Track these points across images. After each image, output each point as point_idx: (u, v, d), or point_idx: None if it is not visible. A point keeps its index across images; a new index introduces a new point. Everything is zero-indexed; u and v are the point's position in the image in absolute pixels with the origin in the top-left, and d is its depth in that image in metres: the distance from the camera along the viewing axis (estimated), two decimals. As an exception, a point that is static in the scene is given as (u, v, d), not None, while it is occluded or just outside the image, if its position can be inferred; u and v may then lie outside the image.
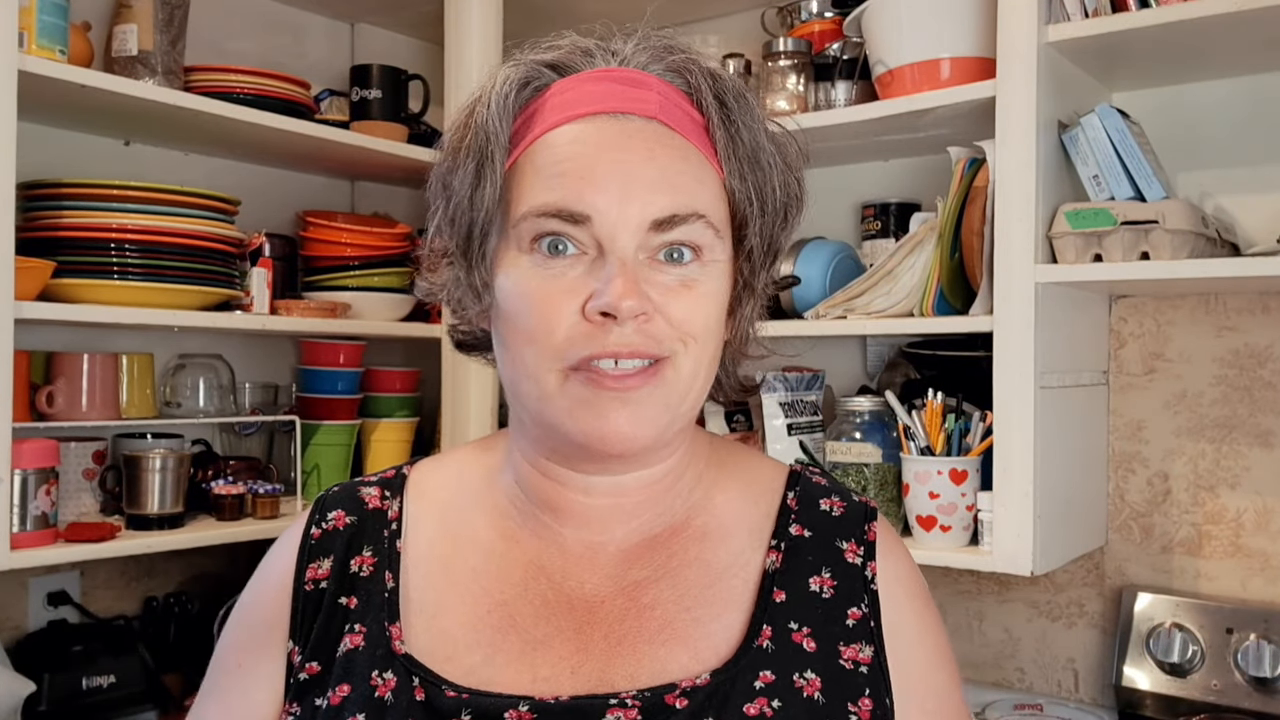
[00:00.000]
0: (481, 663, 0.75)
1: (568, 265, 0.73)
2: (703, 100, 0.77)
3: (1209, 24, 1.34)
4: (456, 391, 1.93)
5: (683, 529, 0.81)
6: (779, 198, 0.79)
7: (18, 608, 1.75)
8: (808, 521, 0.83)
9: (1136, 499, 1.67)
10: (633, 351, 0.71)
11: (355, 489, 0.86)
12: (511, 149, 0.76)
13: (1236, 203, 1.58)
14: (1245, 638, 1.51)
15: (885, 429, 1.65)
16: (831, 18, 1.81)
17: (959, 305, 1.55)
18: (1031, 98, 1.43)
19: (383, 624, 0.77)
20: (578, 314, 0.72)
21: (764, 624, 0.77)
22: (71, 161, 1.77)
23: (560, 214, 0.72)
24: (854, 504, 0.86)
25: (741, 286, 0.80)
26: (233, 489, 1.76)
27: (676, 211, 0.73)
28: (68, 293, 1.54)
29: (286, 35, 2.15)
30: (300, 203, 2.12)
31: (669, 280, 0.73)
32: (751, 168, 0.77)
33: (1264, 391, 1.57)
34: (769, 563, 0.80)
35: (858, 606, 0.79)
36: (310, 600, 0.80)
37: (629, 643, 0.76)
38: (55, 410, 1.62)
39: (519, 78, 0.77)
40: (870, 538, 0.83)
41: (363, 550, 0.81)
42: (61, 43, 1.51)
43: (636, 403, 0.72)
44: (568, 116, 0.75)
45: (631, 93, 0.76)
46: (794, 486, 0.86)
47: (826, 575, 0.80)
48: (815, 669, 0.76)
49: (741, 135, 0.76)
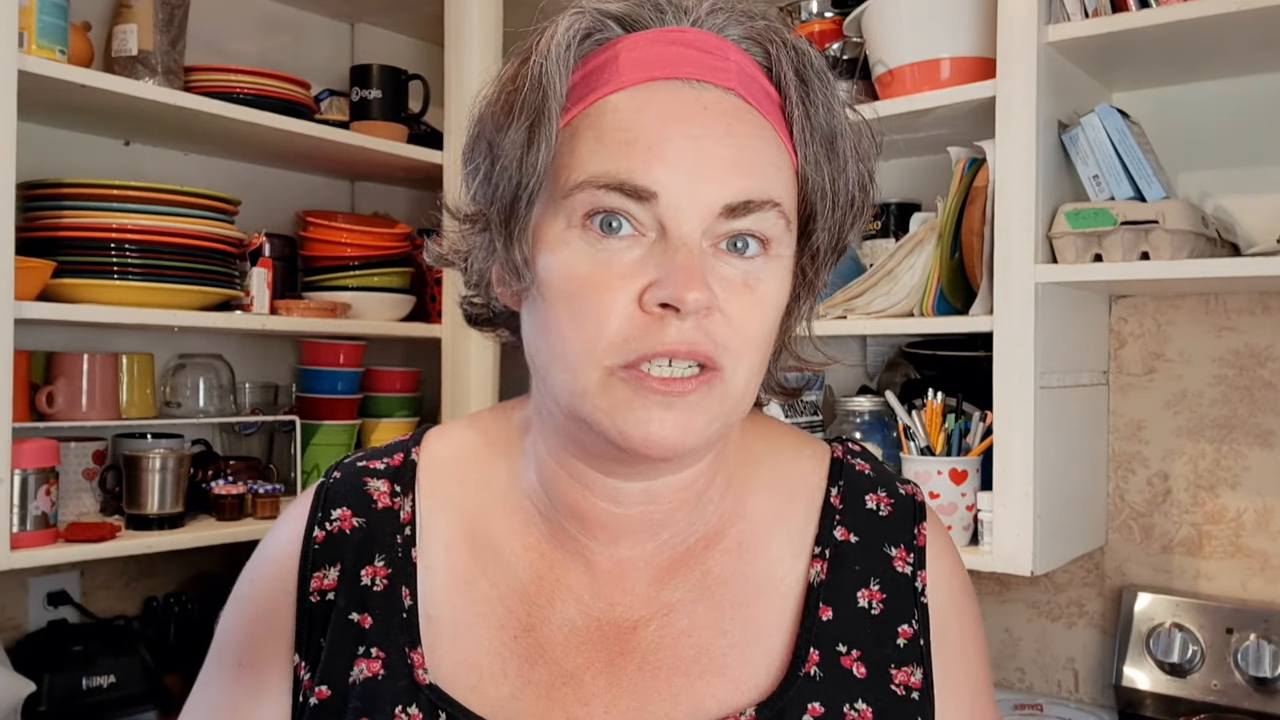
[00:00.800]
0: (509, 696, 0.70)
1: (624, 247, 0.64)
2: (782, 76, 0.69)
3: (1209, 24, 1.34)
4: (456, 391, 1.93)
5: (717, 541, 0.75)
6: (852, 190, 0.71)
7: (18, 608, 1.75)
8: (853, 524, 0.77)
9: (1136, 499, 1.67)
10: (690, 351, 0.64)
11: (361, 481, 0.77)
12: (569, 107, 0.67)
13: (1236, 203, 1.58)
14: (1245, 638, 1.51)
15: (885, 429, 1.65)
16: (831, 18, 1.81)
17: (959, 305, 1.55)
18: (1031, 98, 1.43)
19: (403, 649, 0.71)
20: (633, 304, 0.63)
21: (810, 646, 0.71)
22: (71, 161, 1.77)
23: (623, 187, 0.63)
24: (901, 499, 0.79)
25: (802, 283, 0.73)
26: (233, 489, 1.76)
27: (752, 197, 0.65)
28: (68, 293, 1.54)
29: (286, 35, 2.15)
30: (300, 203, 2.12)
31: (732, 274, 0.65)
32: (828, 155, 0.69)
33: (1264, 391, 1.57)
34: (813, 574, 0.74)
35: (908, 623, 0.74)
36: (317, 614, 0.73)
37: (664, 675, 0.71)
38: (55, 410, 1.62)
39: (579, 30, 0.68)
40: (920, 543, 0.77)
41: (374, 560, 0.74)
42: (61, 43, 1.51)
43: (684, 408, 0.64)
44: (636, 78, 0.66)
45: (708, 59, 0.67)
46: (836, 480, 0.78)
47: (875, 588, 0.75)
48: (866, 698, 0.71)
49: (819, 118, 0.69)
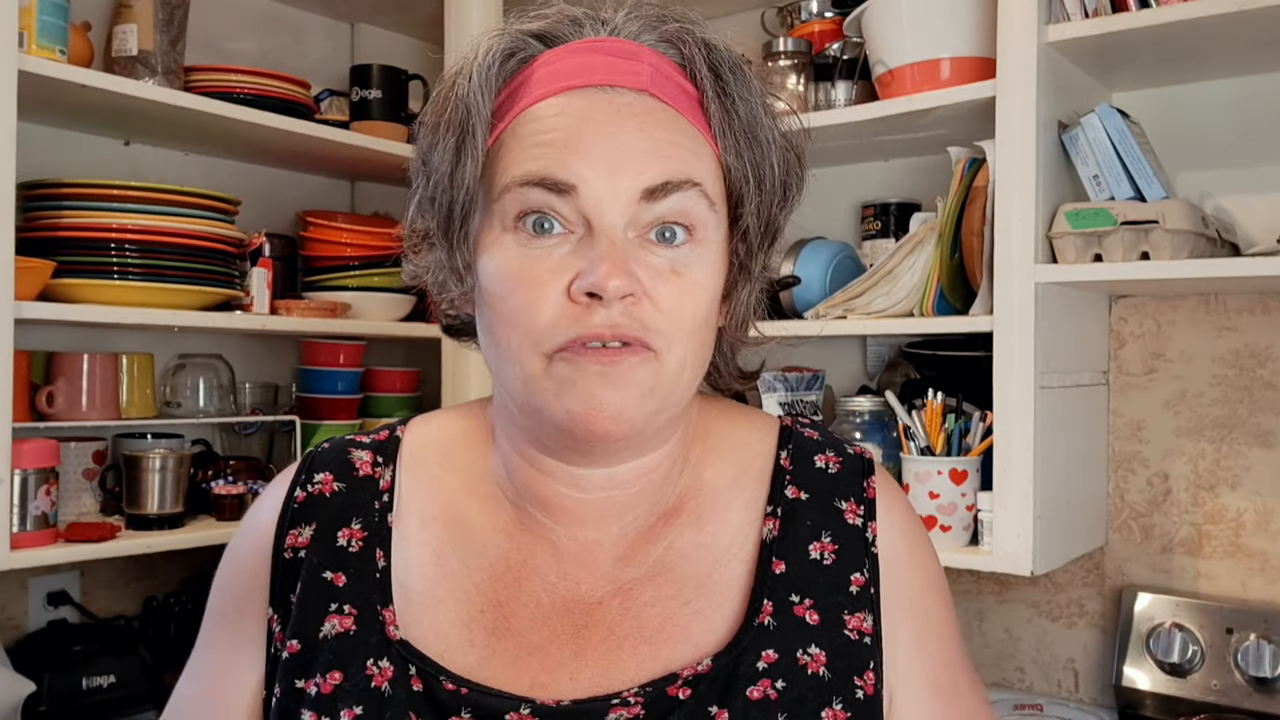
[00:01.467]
0: (476, 664, 0.73)
1: (554, 244, 0.69)
2: (697, 72, 0.72)
3: (1209, 24, 1.34)
4: (456, 392, 1.93)
5: (676, 516, 0.78)
6: (777, 174, 0.74)
7: (18, 608, 1.75)
8: (803, 482, 0.79)
9: (1136, 499, 1.67)
10: (615, 333, 0.67)
11: (346, 450, 0.81)
12: (495, 124, 0.72)
13: (1236, 203, 1.58)
14: (1245, 638, 1.51)
15: (885, 429, 1.65)
16: (831, 18, 1.81)
17: (959, 305, 1.55)
18: (1031, 98, 1.43)
19: (375, 607, 0.74)
20: (563, 295, 0.68)
21: (764, 599, 0.74)
22: (71, 161, 1.77)
23: (544, 182, 0.68)
24: (850, 457, 0.82)
25: (737, 270, 0.76)
26: (233, 489, 1.76)
27: (670, 178, 0.69)
28: (68, 293, 1.54)
29: (286, 35, 2.15)
30: (300, 203, 2.12)
31: (659, 263, 0.69)
32: (748, 143, 0.72)
33: (1264, 391, 1.57)
34: (766, 531, 0.77)
35: (860, 572, 0.76)
36: (289, 568, 0.76)
37: (629, 644, 0.73)
38: (55, 410, 1.62)
39: (502, 49, 0.73)
40: (870, 494, 0.80)
41: (351, 523, 0.77)
42: (61, 43, 1.51)
43: (620, 378, 0.68)
44: (553, 89, 0.71)
45: (621, 64, 0.71)
46: (786, 444, 0.82)
47: (827, 540, 0.77)
48: (819, 643, 0.73)
49: (737, 109, 0.72)
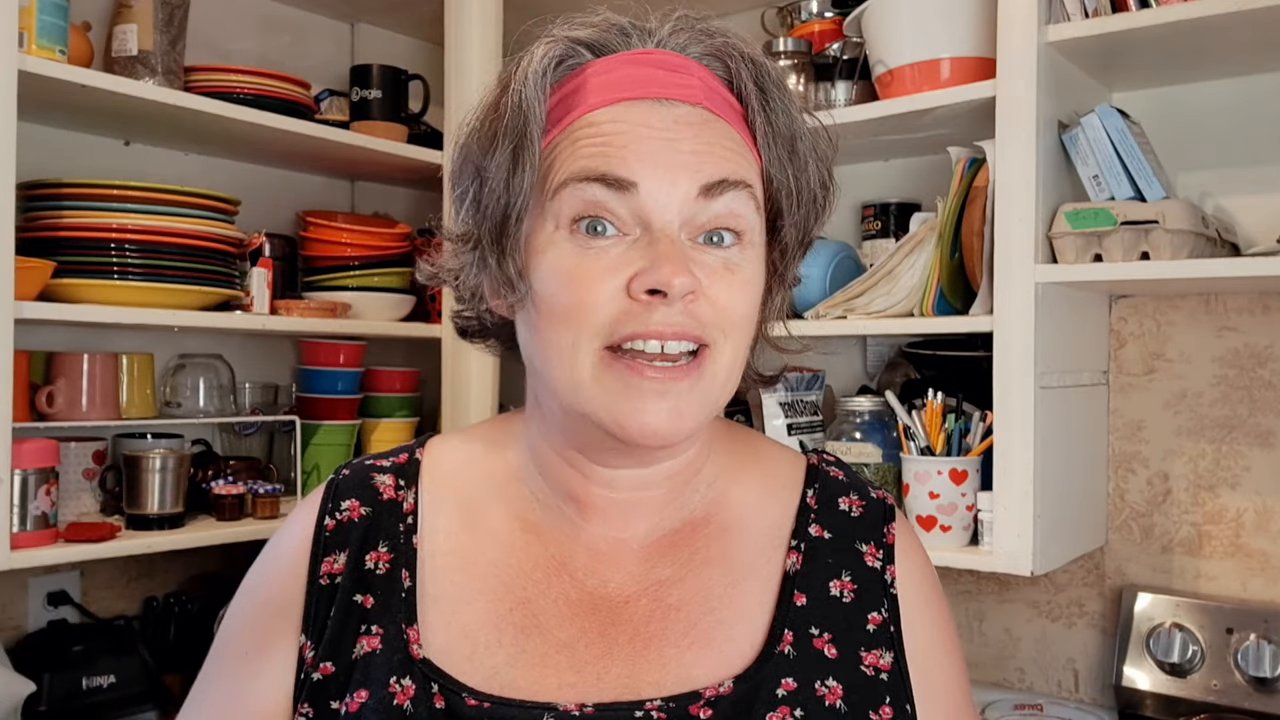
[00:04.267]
0: (504, 664, 0.73)
1: (609, 245, 0.69)
2: (743, 87, 0.74)
3: (1209, 24, 1.34)
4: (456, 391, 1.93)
5: (703, 524, 0.80)
6: (815, 187, 0.77)
7: (18, 608, 1.75)
8: (827, 522, 0.82)
9: (1136, 499, 1.67)
10: (677, 333, 0.69)
11: (368, 475, 0.82)
12: (547, 130, 0.73)
13: (1236, 203, 1.58)
14: (1245, 638, 1.51)
15: (885, 429, 1.65)
16: (831, 18, 1.81)
17: (959, 305, 1.55)
18: (1031, 98, 1.43)
19: (400, 626, 0.75)
20: (621, 292, 0.68)
21: (785, 628, 0.76)
22: (71, 161, 1.77)
23: (605, 178, 0.69)
24: (872, 502, 0.84)
25: (773, 277, 0.78)
26: (233, 489, 1.76)
27: (726, 176, 0.71)
28: (68, 293, 1.54)
29: (286, 35, 2.15)
30: (300, 203, 2.12)
31: (713, 262, 0.71)
32: (790, 156, 0.75)
33: (1264, 391, 1.57)
34: (789, 564, 0.79)
35: (878, 611, 0.79)
36: (324, 595, 0.77)
37: (655, 646, 0.75)
38: (55, 410, 1.62)
39: (553, 57, 0.73)
40: (889, 540, 0.82)
41: (378, 546, 0.78)
42: (61, 43, 1.51)
43: (677, 396, 0.69)
44: (609, 99, 0.72)
45: (674, 78, 0.73)
46: (813, 483, 0.84)
47: (847, 579, 0.79)
48: (837, 676, 0.75)
49: (779, 123, 0.75)
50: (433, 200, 2.07)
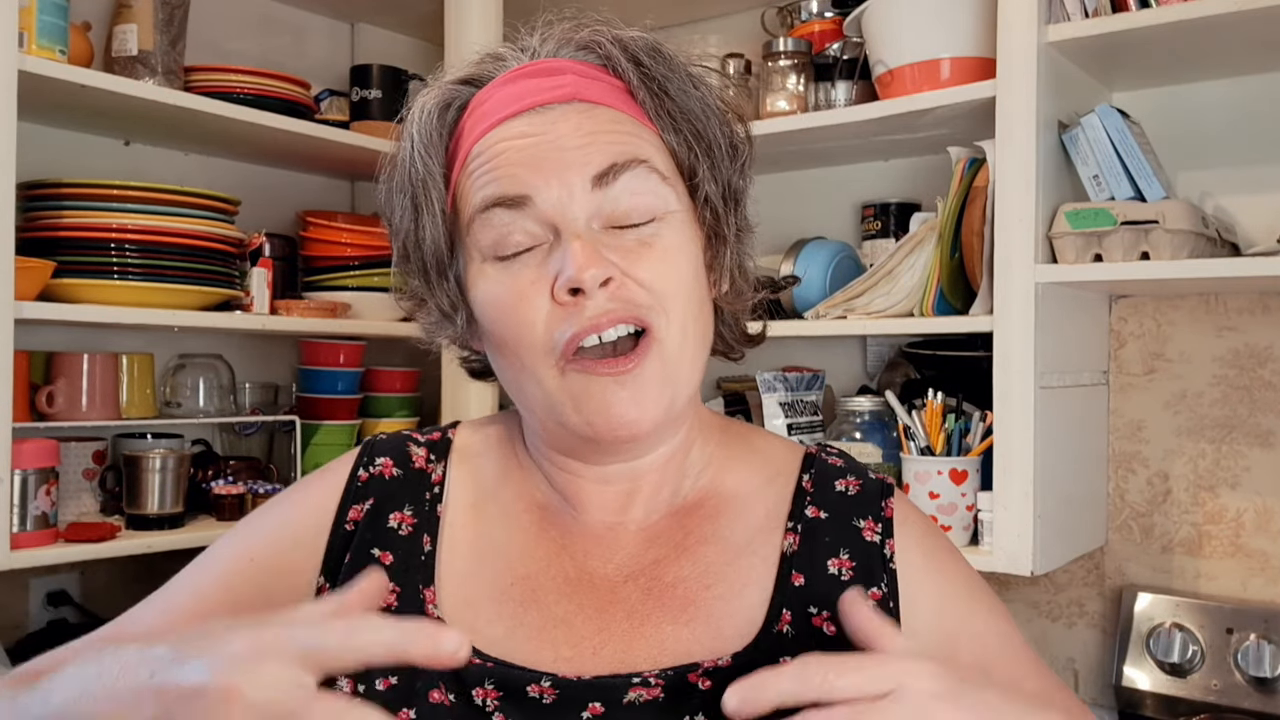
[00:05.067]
0: (503, 636, 0.75)
1: (528, 259, 0.72)
2: (617, 66, 0.76)
3: (1209, 24, 1.34)
4: (456, 391, 1.93)
5: (698, 507, 0.81)
6: (722, 139, 0.78)
7: (18, 608, 1.75)
8: (824, 503, 0.82)
9: (1136, 499, 1.67)
10: (611, 318, 0.71)
11: (404, 444, 0.85)
12: (449, 173, 0.77)
13: (1236, 203, 1.58)
14: (1245, 638, 1.51)
15: (885, 429, 1.65)
16: (831, 18, 1.81)
17: (959, 305, 1.55)
18: (1031, 98, 1.43)
19: (417, 586, 0.77)
20: (549, 301, 0.71)
21: (783, 608, 0.76)
22: (71, 161, 1.77)
23: (502, 201, 0.72)
24: (870, 481, 0.84)
25: (713, 237, 0.79)
26: (233, 489, 1.76)
27: (615, 160, 0.72)
28: (68, 293, 1.54)
29: (286, 35, 2.15)
30: (300, 203, 2.12)
31: (628, 243, 0.73)
32: (684, 116, 0.76)
33: (1264, 391, 1.57)
34: (786, 545, 0.79)
35: (877, 587, 0.78)
36: (342, 540, 0.79)
37: (652, 622, 0.76)
38: (55, 410, 1.62)
39: (436, 104, 0.78)
40: (888, 514, 0.82)
41: (403, 508, 0.81)
42: (61, 43, 1.51)
43: (634, 383, 0.71)
44: (489, 124, 0.75)
45: (545, 83, 0.75)
46: (809, 469, 0.84)
47: (845, 556, 0.79)
48: (835, 653, 0.74)
49: (666, 88, 0.76)
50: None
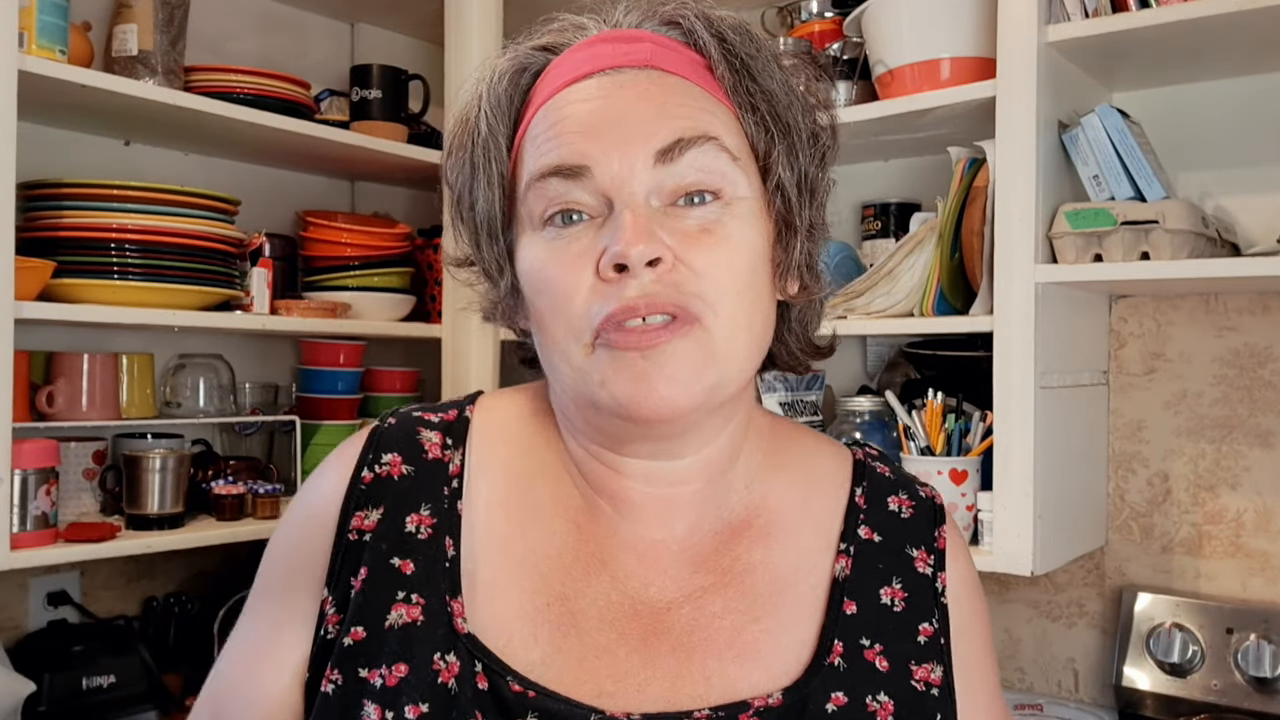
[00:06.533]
0: (540, 662, 0.70)
1: (580, 231, 0.68)
2: (699, 41, 0.72)
3: (1209, 24, 1.34)
4: (456, 391, 1.93)
5: (744, 529, 0.76)
6: (803, 125, 0.74)
7: (18, 608, 1.75)
8: (877, 524, 0.79)
9: (1136, 499, 1.67)
10: (651, 303, 0.65)
11: (415, 429, 0.78)
12: (515, 138, 0.74)
13: (1236, 203, 1.58)
14: (1245, 638, 1.51)
15: (885, 429, 1.65)
16: (831, 18, 1.81)
17: (959, 305, 1.55)
18: (1031, 98, 1.43)
19: (443, 597, 0.71)
20: (593, 275, 0.67)
21: (835, 638, 0.73)
22: (71, 161, 1.77)
23: (559, 170, 0.68)
24: (922, 502, 0.81)
25: (783, 228, 0.73)
26: (233, 489, 1.76)
27: (682, 135, 0.68)
28: (68, 293, 1.54)
29: (286, 35, 2.15)
30: (300, 203, 2.12)
31: (688, 225, 0.68)
32: (764, 97, 0.72)
33: (1264, 391, 1.57)
34: (838, 569, 0.76)
35: (929, 622, 0.76)
36: (352, 550, 0.73)
37: (698, 658, 0.71)
38: (55, 410, 1.62)
39: (510, 68, 0.75)
40: (940, 545, 0.79)
41: (420, 508, 0.74)
42: (61, 43, 1.51)
43: (662, 359, 0.66)
44: (557, 86, 0.72)
45: (621, 48, 0.72)
46: (860, 481, 0.81)
47: (897, 586, 0.77)
48: (888, 691, 0.72)
49: (748, 66, 0.72)
50: (432, 200, 2.07)
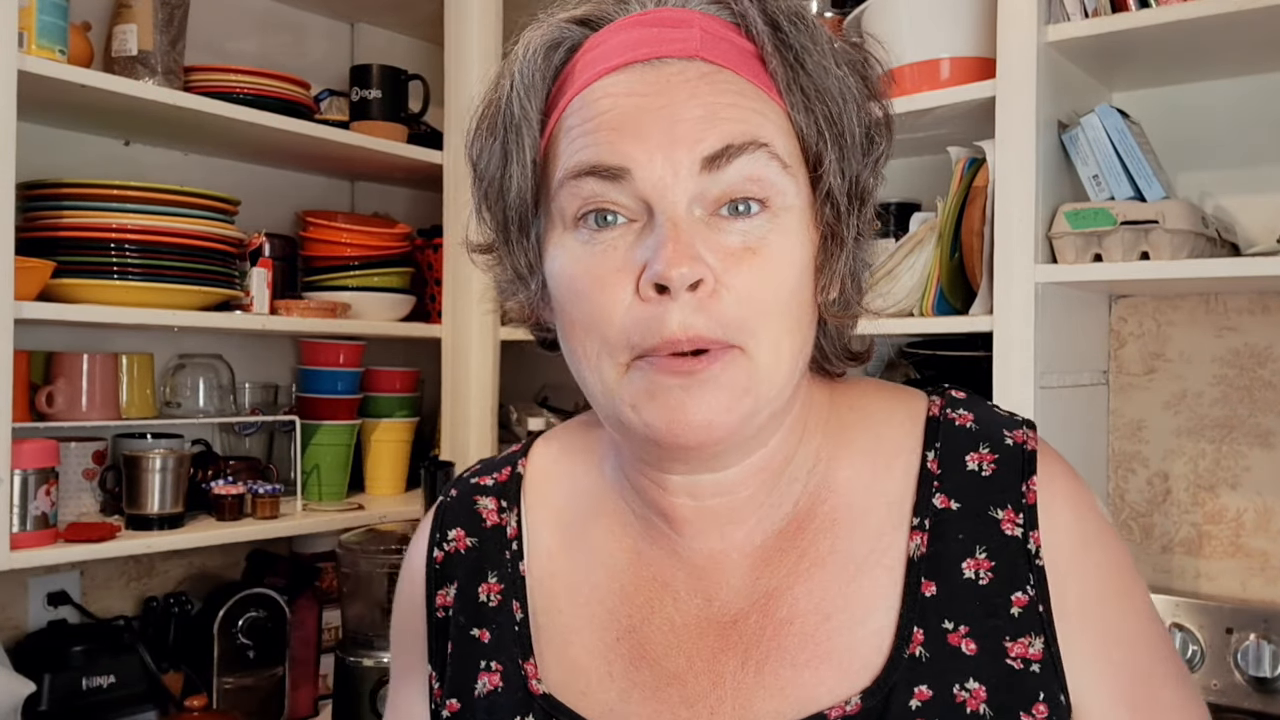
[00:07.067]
0: (618, 699, 0.70)
1: (617, 236, 0.64)
2: (752, 27, 0.66)
3: (1209, 24, 1.34)
4: (456, 391, 1.93)
5: (809, 520, 0.71)
6: (857, 126, 0.68)
7: (18, 608, 1.75)
8: (954, 489, 0.70)
9: (1136, 499, 1.67)
10: (693, 338, 0.61)
11: (472, 500, 0.79)
12: (546, 121, 0.68)
13: (1236, 203, 1.58)
14: (1245, 638, 1.51)
15: (885, 429, 1.64)
16: (831, 18, 1.81)
17: (959, 305, 1.55)
18: (1031, 98, 1.43)
19: (517, 661, 0.73)
20: (632, 293, 0.62)
21: (914, 625, 0.67)
22: (71, 161, 1.77)
23: (596, 170, 0.63)
24: (1007, 451, 0.71)
25: (829, 237, 0.68)
26: (233, 489, 1.76)
27: (731, 141, 0.62)
28: (68, 293, 1.54)
29: (286, 35, 2.15)
30: (300, 203, 2.12)
31: (731, 241, 0.63)
32: (819, 96, 0.66)
33: (1264, 391, 1.57)
34: (913, 547, 0.69)
35: (1022, 590, 0.67)
36: (441, 628, 0.77)
37: (769, 668, 0.68)
38: (55, 410, 1.62)
39: (544, 42, 0.68)
40: (1029, 500, 0.69)
41: (488, 577, 0.76)
42: (61, 43, 1.51)
43: (702, 388, 0.62)
44: (598, 72, 0.66)
45: (668, 34, 0.65)
46: (933, 442, 0.72)
47: (982, 556, 0.68)
48: (979, 676, 0.65)
49: (803, 60, 0.65)
50: (433, 200, 2.07)
